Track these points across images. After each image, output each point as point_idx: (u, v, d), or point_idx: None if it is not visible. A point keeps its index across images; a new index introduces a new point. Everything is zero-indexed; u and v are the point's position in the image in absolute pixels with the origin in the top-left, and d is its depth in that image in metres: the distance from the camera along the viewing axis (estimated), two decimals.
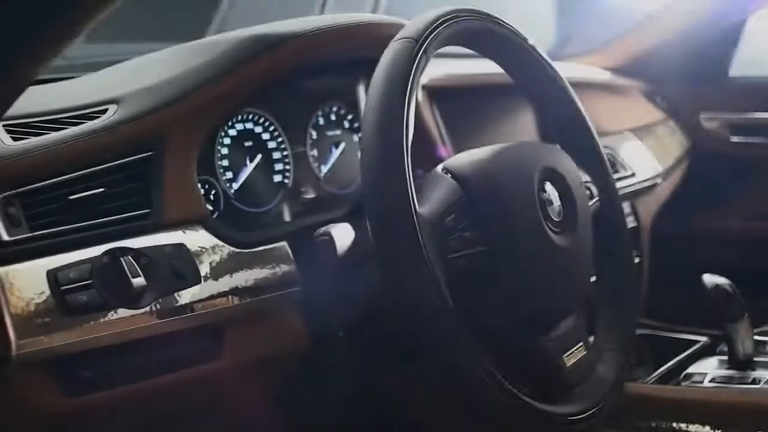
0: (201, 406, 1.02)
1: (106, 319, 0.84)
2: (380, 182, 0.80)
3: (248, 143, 1.08)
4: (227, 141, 1.05)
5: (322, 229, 0.93)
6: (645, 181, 1.65)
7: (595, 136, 1.09)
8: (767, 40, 2.10)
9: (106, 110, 0.94)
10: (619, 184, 1.51)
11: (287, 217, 1.10)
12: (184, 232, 0.92)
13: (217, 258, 0.93)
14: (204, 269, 0.91)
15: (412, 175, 0.81)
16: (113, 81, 1.04)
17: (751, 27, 1.98)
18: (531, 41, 1.04)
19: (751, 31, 1.99)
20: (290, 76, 1.05)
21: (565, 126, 1.09)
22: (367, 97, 0.84)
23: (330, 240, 0.91)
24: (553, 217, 0.93)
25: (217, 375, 0.94)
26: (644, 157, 1.71)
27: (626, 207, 1.58)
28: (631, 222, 1.58)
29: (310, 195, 1.13)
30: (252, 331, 0.96)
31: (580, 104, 1.09)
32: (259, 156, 1.08)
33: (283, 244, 0.99)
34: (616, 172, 1.56)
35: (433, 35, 0.88)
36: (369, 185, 0.81)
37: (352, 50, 1.09)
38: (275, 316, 0.98)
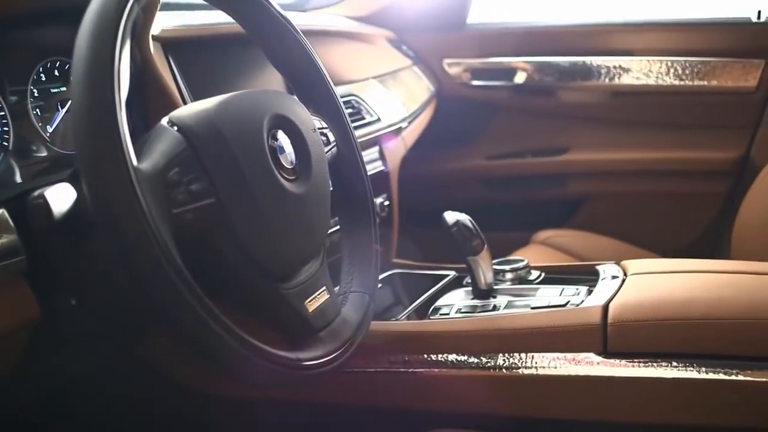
0: None
1: None
2: (90, 137, 0.75)
3: None
4: None
5: (36, 192, 0.86)
6: (391, 126, 1.69)
7: (330, 83, 1.10)
8: None
9: None
10: (364, 130, 1.55)
11: (9, 181, 1.02)
12: None
13: None
14: None
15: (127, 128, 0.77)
16: None
17: None
18: None
19: None
20: None
21: (299, 74, 1.09)
22: (74, 47, 0.79)
23: (44, 203, 0.85)
24: (285, 165, 0.93)
25: None
26: (390, 102, 1.76)
27: (374, 152, 1.61)
28: (379, 166, 1.62)
29: (36, 156, 1.05)
30: None
31: (313, 52, 1.08)
32: None
33: (2, 211, 0.91)
34: (362, 118, 1.59)
35: None
36: (79, 141, 0.76)
37: None
38: None
